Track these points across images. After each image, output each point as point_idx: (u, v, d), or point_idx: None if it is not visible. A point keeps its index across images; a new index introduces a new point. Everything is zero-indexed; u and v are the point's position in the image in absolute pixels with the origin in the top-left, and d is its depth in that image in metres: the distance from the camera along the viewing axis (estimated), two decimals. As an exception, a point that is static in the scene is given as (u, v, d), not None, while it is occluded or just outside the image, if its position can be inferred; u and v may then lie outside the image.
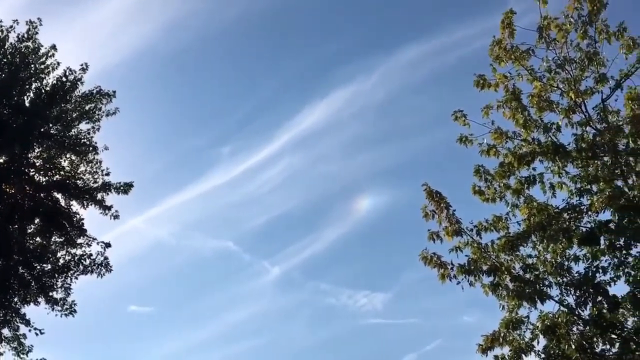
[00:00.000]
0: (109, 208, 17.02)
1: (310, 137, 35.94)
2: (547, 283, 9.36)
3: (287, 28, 36.53)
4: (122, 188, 17.04)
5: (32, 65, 16.30)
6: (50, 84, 16.59)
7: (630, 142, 9.30)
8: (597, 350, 8.80)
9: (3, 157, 16.28)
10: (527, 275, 9.49)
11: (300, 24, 36.51)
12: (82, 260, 16.69)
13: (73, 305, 16.56)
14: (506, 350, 9.22)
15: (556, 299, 9.24)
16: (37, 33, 16.31)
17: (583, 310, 8.97)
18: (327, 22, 36.09)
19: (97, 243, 16.87)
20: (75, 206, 16.81)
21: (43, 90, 16.43)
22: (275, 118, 37.92)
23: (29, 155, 16.46)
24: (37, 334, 16.06)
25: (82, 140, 16.86)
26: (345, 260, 36.58)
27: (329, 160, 37.16)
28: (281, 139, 34.91)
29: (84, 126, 17.08)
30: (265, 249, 37.75)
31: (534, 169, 10.12)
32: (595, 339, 8.81)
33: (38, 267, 16.38)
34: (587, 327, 8.89)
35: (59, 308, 16.43)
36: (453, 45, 32.97)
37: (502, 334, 9.27)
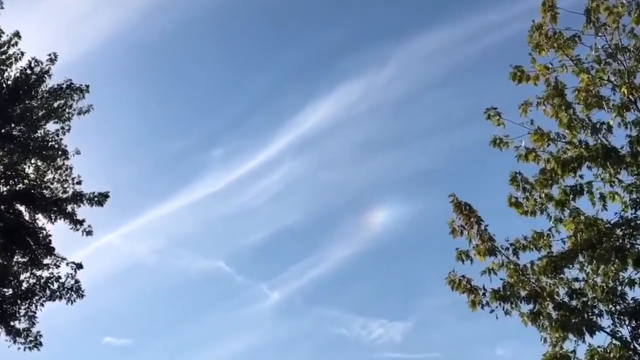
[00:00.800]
0: (81, 222, 17.16)
1: (314, 138, 36.04)
2: (596, 312, 9.40)
3: (286, 12, 36.68)
4: (96, 199, 17.18)
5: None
6: (12, 77, 16.70)
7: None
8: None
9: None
10: (574, 303, 9.54)
11: (301, 7, 36.71)
12: (49, 284, 16.76)
13: (38, 337, 16.59)
14: (548, 390, 9.26)
15: (608, 330, 9.27)
16: (-4, 18, 16.38)
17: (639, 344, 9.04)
18: (333, 5, 36.20)
19: (67, 264, 17.00)
20: (41, 220, 16.95)
21: (4, 85, 16.53)
22: (274, 116, 37.88)
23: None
24: (-5, 371, 16.09)
25: (50, 143, 16.94)
26: (357, 284, 36.41)
27: (336, 166, 37.26)
28: (281, 140, 34.97)
29: (51, 126, 17.24)
30: (263, 269, 37.71)
31: (580, 176, 10.19)
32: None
33: (-3, 291, 16.43)
34: (644, 364, 9.00)
35: (22, 340, 16.44)
36: (481, 31, 33.04)
37: (544, 372, 9.31)
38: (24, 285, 16.66)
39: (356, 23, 36.31)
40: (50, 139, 16.98)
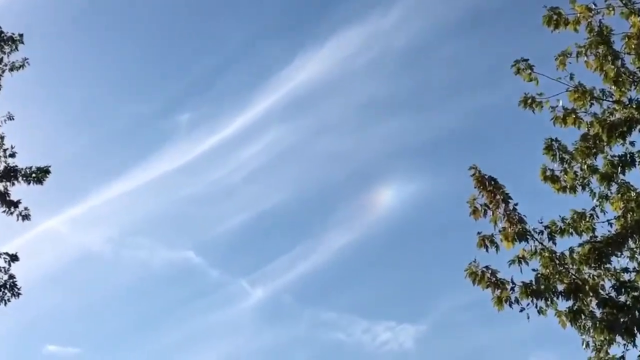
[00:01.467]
0: (15, 204, 16.67)
1: (304, 100, 33.85)
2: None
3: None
4: (33, 175, 16.69)
5: None
6: None
7: None
8: None
9: None
10: (622, 298, 9.39)
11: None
12: (-25, 280, 16.32)
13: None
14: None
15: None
16: None
17: None
18: None
19: (-1, 255, 16.45)
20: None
21: None
22: (254, 74, 35.30)
23: None
24: None
25: (-25, 107, 16.59)
26: (358, 279, 34.23)
27: (332, 133, 35.19)
28: (263, 103, 32.60)
29: (-24, 85, 16.68)
30: (242, 262, 35.64)
31: (631, 143, 10.08)
32: None
33: None
34: None
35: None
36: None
37: (587, 383, 9.40)
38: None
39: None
40: (-25, 102, 16.46)
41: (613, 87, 10.22)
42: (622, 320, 9.11)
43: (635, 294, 9.40)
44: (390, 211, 32.55)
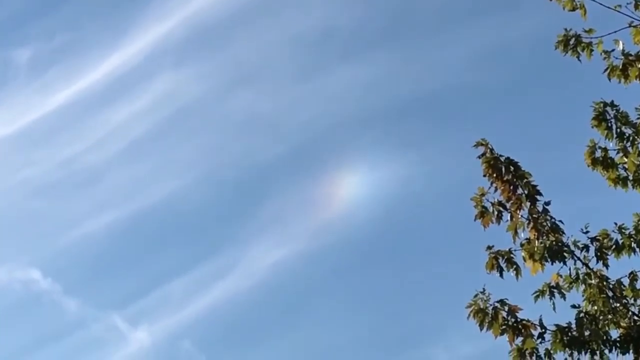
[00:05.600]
0: None
1: (212, 31, 24.05)
2: None
3: None
4: None
5: None
6: None
7: None
8: None
9: None
10: None
11: None
12: None
13: None
14: None
15: None
16: None
17: None
18: None
19: None
20: None
21: None
22: None
23: None
24: None
25: None
26: (298, 317, 23.99)
27: (256, 84, 25.03)
28: (147, 34, 22.84)
29: None
30: (115, 287, 24.77)
31: None
32: None
33: None
34: None
35: None
36: None
37: None
38: None
39: None
40: None
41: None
42: None
43: None
44: (351, 210, 22.34)
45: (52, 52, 24.58)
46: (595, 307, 7.88)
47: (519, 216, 7.95)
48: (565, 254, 7.87)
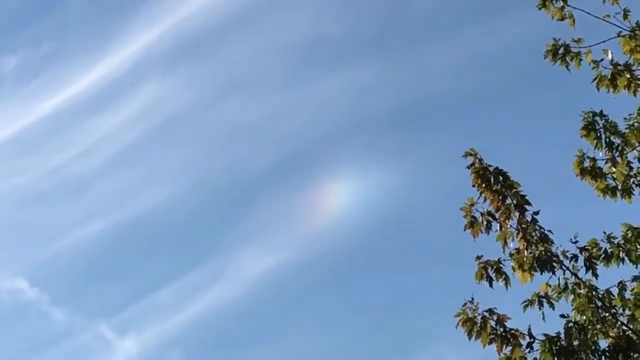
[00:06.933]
0: None
1: (200, 40, 24.01)
2: None
3: None
4: None
5: None
6: None
7: None
8: None
9: None
10: None
11: None
12: None
13: None
14: None
15: None
16: None
17: None
18: None
19: None
20: None
21: None
22: None
23: None
24: None
25: None
26: (287, 325, 24.05)
27: (244, 92, 25.07)
28: (134, 42, 22.69)
29: None
30: (102, 296, 24.56)
31: None
32: None
33: None
34: None
35: None
36: None
37: None
38: None
39: None
40: None
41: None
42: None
43: None
44: (339, 218, 22.58)
45: (40, 60, 24.41)
46: (584, 317, 7.97)
47: (508, 226, 8.10)
48: (554, 263, 8.03)
